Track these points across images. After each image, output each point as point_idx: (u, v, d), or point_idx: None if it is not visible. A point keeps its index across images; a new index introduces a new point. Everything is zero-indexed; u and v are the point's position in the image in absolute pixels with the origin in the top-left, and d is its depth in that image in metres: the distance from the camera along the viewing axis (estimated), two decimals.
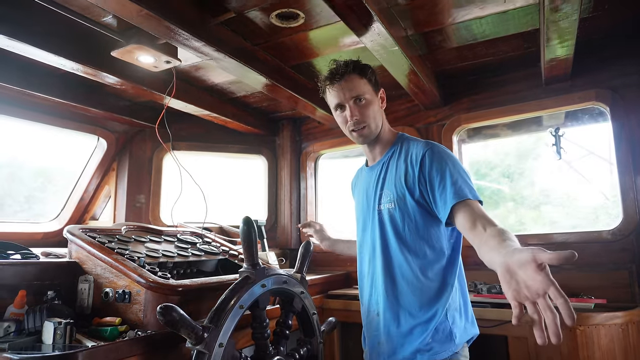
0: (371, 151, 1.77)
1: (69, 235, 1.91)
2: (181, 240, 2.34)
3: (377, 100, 1.70)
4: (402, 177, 1.58)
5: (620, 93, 2.43)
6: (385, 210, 1.63)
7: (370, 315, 1.69)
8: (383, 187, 1.65)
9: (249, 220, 1.61)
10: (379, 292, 1.64)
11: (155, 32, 1.87)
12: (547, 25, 1.93)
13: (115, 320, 1.62)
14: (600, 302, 2.18)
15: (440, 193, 1.46)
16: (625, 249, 2.35)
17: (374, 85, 1.69)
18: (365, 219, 1.75)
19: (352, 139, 1.72)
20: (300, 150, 3.58)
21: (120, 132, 3.08)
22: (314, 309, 1.87)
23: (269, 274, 1.64)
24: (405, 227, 1.57)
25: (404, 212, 1.57)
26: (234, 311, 1.46)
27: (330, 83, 1.66)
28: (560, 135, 2.70)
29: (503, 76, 2.74)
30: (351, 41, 2.26)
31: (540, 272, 0.90)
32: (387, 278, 1.61)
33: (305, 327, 1.87)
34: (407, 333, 1.55)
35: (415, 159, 1.56)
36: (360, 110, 1.63)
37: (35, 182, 3.79)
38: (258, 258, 1.63)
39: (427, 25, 2.17)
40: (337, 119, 1.73)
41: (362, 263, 1.79)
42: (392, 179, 1.63)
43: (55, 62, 2.05)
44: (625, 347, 2.05)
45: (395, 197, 1.59)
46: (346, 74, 1.63)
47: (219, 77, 2.71)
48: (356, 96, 1.63)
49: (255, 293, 1.55)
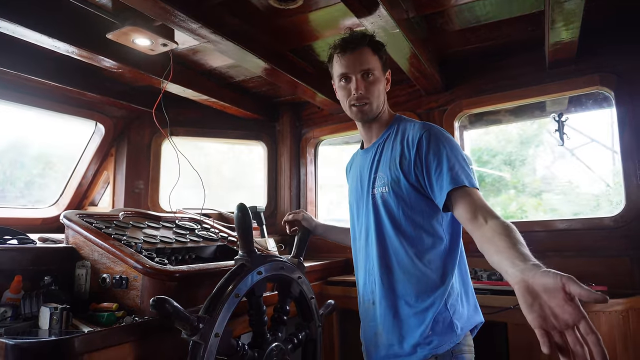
0: (367, 132, 1.70)
1: (66, 221, 1.89)
2: (179, 226, 2.32)
3: (384, 80, 1.63)
4: (397, 160, 1.51)
5: (625, 78, 2.38)
6: (378, 194, 1.55)
7: (366, 304, 1.63)
8: (377, 170, 1.58)
9: (244, 207, 1.58)
10: (374, 280, 1.58)
11: (150, 14, 1.83)
12: (553, 7, 1.88)
13: (112, 305, 1.61)
14: (601, 289, 2.17)
15: (436, 178, 1.41)
16: (627, 236, 2.33)
17: (384, 65, 1.62)
18: (359, 204, 1.68)
19: (350, 114, 1.63)
20: (300, 136, 3.54)
21: (118, 117, 3.05)
22: (312, 294, 1.86)
23: (265, 261, 1.62)
24: (400, 211, 1.50)
25: (399, 196, 1.50)
26: (230, 300, 1.44)
27: (341, 51, 1.56)
28: (563, 121, 2.66)
29: (506, 60, 2.69)
30: (352, 23, 2.21)
31: (571, 303, 0.86)
32: (382, 265, 1.54)
33: (304, 311, 1.86)
34: (404, 323, 1.49)
35: (412, 141, 1.49)
36: (367, 86, 1.55)
37: (36, 167, 3.77)
38: (254, 245, 1.61)
39: (429, 7, 2.13)
40: (338, 91, 1.64)
41: (356, 250, 1.74)
42: (386, 161, 1.56)
43: (48, 44, 2.01)
44: (625, 333, 2.04)
45: (390, 180, 1.52)
46: (360, 45, 1.55)
47: (217, 60, 2.67)
48: (366, 70, 1.55)
49: (251, 281, 1.53)
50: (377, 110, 1.62)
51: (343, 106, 1.65)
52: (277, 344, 1.64)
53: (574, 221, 2.49)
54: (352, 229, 1.77)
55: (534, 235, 2.56)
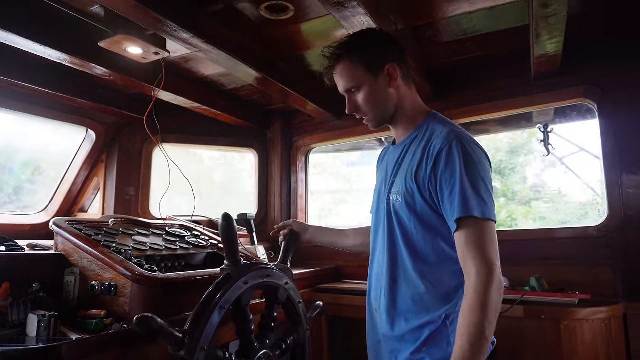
0: (395, 131, 1.57)
1: (55, 228, 1.89)
2: (170, 233, 2.33)
3: (377, 81, 1.46)
4: (414, 169, 1.38)
5: (608, 91, 2.44)
6: (393, 202, 1.44)
7: (372, 309, 1.58)
8: (397, 174, 1.46)
9: (229, 216, 1.60)
10: (381, 287, 1.50)
11: (143, 23, 1.85)
12: (537, 21, 1.93)
13: (101, 313, 1.61)
14: (584, 298, 2.21)
15: (449, 200, 1.30)
16: (610, 246, 2.38)
17: (370, 65, 1.46)
18: (379, 204, 1.56)
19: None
20: (291, 144, 3.57)
21: (109, 123, 3.05)
22: (299, 298, 1.87)
23: (251, 269, 1.63)
24: (412, 225, 1.40)
25: (411, 209, 1.39)
26: (215, 312, 1.45)
27: (326, 76, 1.54)
28: (549, 132, 2.72)
29: (494, 72, 2.74)
30: (342, 34, 2.23)
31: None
32: (390, 277, 1.46)
33: (292, 316, 1.87)
34: (400, 338, 1.42)
35: (433, 151, 1.35)
36: (355, 103, 1.50)
37: (24, 173, 3.75)
38: (239, 254, 1.62)
39: (417, 20, 2.17)
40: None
41: (374, 248, 1.60)
42: (405, 167, 1.43)
43: (40, 51, 2.03)
44: (608, 341, 2.08)
45: (404, 191, 1.40)
46: (336, 65, 1.48)
47: (209, 69, 2.69)
48: (347, 89, 1.50)
49: (237, 291, 1.54)
50: (384, 114, 1.50)
51: None
52: (265, 352, 1.65)
53: (559, 230, 2.55)
54: (373, 224, 1.64)
55: (520, 244, 2.60)
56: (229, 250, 1.60)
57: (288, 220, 2.14)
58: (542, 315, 2.09)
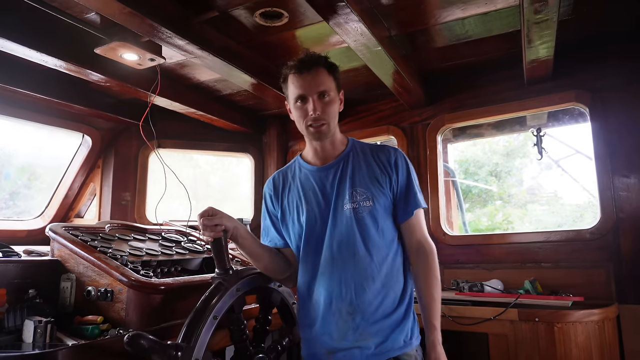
0: (322, 150, 1.68)
1: (52, 234, 1.90)
2: (165, 238, 2.34)
3: (337, 98, 1.64)
4: (378, 178, 1.61)
5: (599, 95, 2.47)
6: (361, 208, 1.57)
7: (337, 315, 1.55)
8: (354, 185, 1.60)
9: None
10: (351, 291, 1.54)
11: (138, 30, 1.87)
12: (528, 27, 1.96)
13: (97, 318, 1.62)
14: (578, 300, 2.23)
15: (405, 197, 1.61)
16: (603, 248, 2.40)
17: (338, 86, 1.65)
18: (323, 218, 1.61)
19: (307, 134, 1.64)
20: (287, 149, 3.58)
21: (105, 129, 3.06)
22: (293, 299, 1.87)
23: (242, 276, 1.62)
24: (380, 224, 1.58)
25: (379, 210, 1.58)
26: (208, 323, 1.44)
27: (297, 71, 1.57)
28: (541, 136, 2.74)
29: (486, 76, 2.77)
30: (336, 40, 2.27)
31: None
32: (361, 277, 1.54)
33: (286, 318, 1.88)
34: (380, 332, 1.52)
35: (388, 160, 1.64)
36: (323, 107, 1.57)
37: (21, 178, 3.75)
38: (229, 262, 1.59)
39: (411, 26, 2.20)
40: (294, 111, 1.63)
41: (314, 264, 1.61)
42: (363, 178, 1.61)
43: (37, 58, 2.04)
44: (601, 343, 2.10)
45: (372, 196, 1.58)
46: (316, 66, 1.57)
47: (205, 75, 2.71)
48: (322, 91, 1.57)
49: (229, 299, 1.53)
50: (333, 130, 1.64)
51: (299, 126, 1.64)
52: (260, 356, 1.66)
53: (553, 233, 2.56)
54: (306, 242, 1.64)
55: (514, 247, 2.62)
56: (218, 259, 1.57)
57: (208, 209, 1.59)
58: (536, 317, 2.11)
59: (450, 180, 3.60)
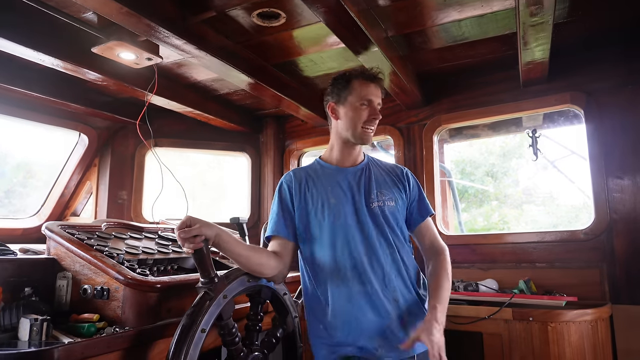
0: (350, 155, 1.82)
1: (48, 232, 1.90)
2: (162, 237, 2.34)
3: None
4: (397, 185, 1.81)
5: (594, 97, 2.49)
6: (387, 207, 1.73)
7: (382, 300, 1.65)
8: (381, 187, 1.78)
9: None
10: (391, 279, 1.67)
11: (135, 30, 1.87)
12: (524, 29, 1.98)
13: (93, 316, 1.62)
14: (571, 300, 2.25)
15: (418, 204, 1.82)
16: (597, 248, 2.42)
17: None
18: (352, 212, 1.71)
19: (354, 133, 1.74)
20: (284, 148, 3.59)
21: (102, 128, 3.06)
22: (284, 290, 1.86)
23: (229, 281, 1.59)
24: (401, 222, 1.76)
25: (400, 211, 1.77)
26: (196, 338, 1.42)
27: (366, 79, 1.74)
28: (537, 137, 2.76)
29: (482, 78, 2.79)
30: (333, 41, 2.28)
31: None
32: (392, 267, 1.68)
33: (278, 309, 1.89)
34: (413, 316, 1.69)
35: (402, 174, 1.85)
36: (378, 116, 1.77)
37: (16, 176, 3.74)
38: (213, 270, 1.54)
39: (408, 27, 2.21)
40: (352, 112, 1.73)
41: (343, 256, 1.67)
42: (385, 183, 1.80)
43: (34, 57, 2.04)
44: (594, 343, 2.12)
45: (394, 197, 1.76)
46: (380, 81, 1.77)
47: (202, 74, 2.71)
48: (379, 103, 1.77)
49: (216, 309, 1.50)
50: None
51: (350, 124, 1.74)
52: (255, 355, 1.67)
53: (547, 233, 2.58)
54: (332, 232, 1.70)
55: (509, 247, 2.64)
56: (202, 269, 1.52)
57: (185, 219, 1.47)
58: (530, 317, 2.13)
59: (446, 180, 3.62)
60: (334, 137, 1.83)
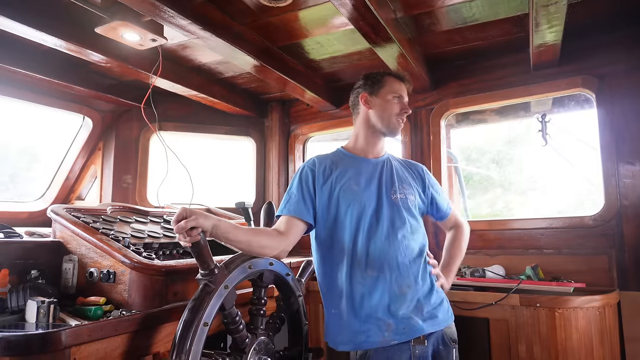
0: (376, 145, 1.92)
1: (53, 215, 1.90)
2: (167, 221, 2.34)
3: None
4: (416, 180, 1.95)
5: (606, 81, 2.44)
6: (409, 200, 1.84)
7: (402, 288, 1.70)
8: (402, 181, 1.88)
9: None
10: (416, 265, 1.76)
11: (139, 9, 1.84)
12: (537, 10, 1.92)
13: (99, 300, 1.63)
14: (579, 286, 2.23)
15: (442, 198, 2.02)
16: (606, 235, 2.39)
17: None
18: (376, 200, 1.78)
19: (388, 124, 1.86)
20: (289, 133, 3.56)
21: (106, 111, 3.03)
22: (287, 270, 1.86)
23: (230, 271, 1.57)
24: (417, 216, 1.86)
25: (419, 205, 1.90)
26: (199, 332, 1.41)
27: (399, 78, 1.91)
28: (546, 122, 2.72)
29: (492, 61, 2.73)
30: (340, 22, 2.24)
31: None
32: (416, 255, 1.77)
33: (283, 290, 1.89)
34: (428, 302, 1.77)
35: (421, 171, 2.01)
36: (409, 110, 1.91)
37: (21, 160, 3.73)
38: (212, 261, 1.49)
39: (417, 8, 2.16)
40: (385, 104, 1.86)
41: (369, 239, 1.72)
42: (406, 178, 1.92)
43: (36, 37, 2.01)
44: (602, 329, 2.11)
45: (416, 193, 1.91)
46: (409, 82, 1.95)
47: (207, 56, 2.67)
48: (407, 101, 1.92)
49: (218, 301, 1.48)
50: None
51: (384, 114, 1.85)
52: (260, 340, 1.67)
53: (555, 220, 2.55)
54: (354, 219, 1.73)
55: (516, 233, 2.62)
56: (201, 261, 1.47)
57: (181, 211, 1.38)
58: (538, 303, 2.11)
59: (452, 166, 3.58)
60: (360, 127, 1.91)
